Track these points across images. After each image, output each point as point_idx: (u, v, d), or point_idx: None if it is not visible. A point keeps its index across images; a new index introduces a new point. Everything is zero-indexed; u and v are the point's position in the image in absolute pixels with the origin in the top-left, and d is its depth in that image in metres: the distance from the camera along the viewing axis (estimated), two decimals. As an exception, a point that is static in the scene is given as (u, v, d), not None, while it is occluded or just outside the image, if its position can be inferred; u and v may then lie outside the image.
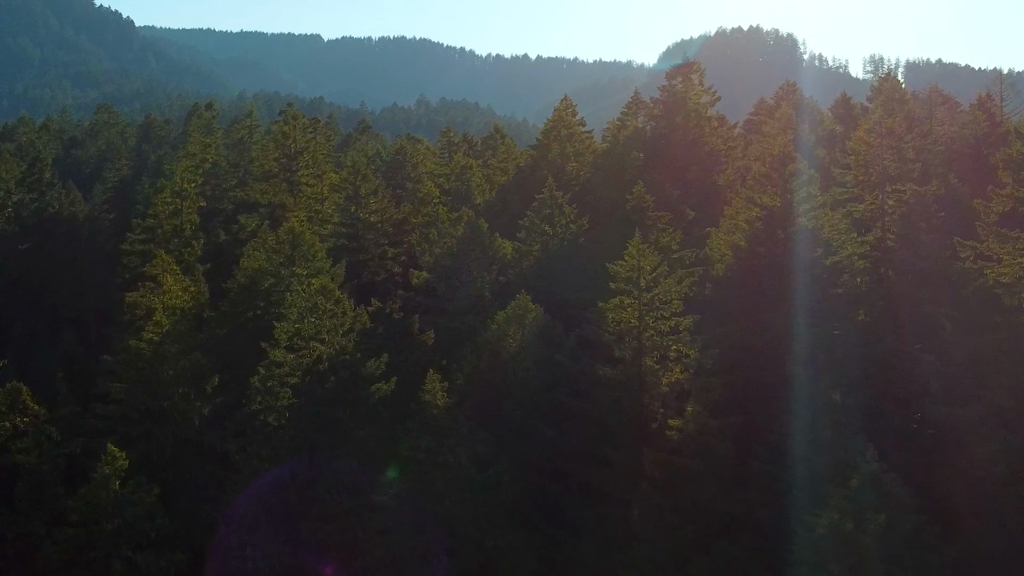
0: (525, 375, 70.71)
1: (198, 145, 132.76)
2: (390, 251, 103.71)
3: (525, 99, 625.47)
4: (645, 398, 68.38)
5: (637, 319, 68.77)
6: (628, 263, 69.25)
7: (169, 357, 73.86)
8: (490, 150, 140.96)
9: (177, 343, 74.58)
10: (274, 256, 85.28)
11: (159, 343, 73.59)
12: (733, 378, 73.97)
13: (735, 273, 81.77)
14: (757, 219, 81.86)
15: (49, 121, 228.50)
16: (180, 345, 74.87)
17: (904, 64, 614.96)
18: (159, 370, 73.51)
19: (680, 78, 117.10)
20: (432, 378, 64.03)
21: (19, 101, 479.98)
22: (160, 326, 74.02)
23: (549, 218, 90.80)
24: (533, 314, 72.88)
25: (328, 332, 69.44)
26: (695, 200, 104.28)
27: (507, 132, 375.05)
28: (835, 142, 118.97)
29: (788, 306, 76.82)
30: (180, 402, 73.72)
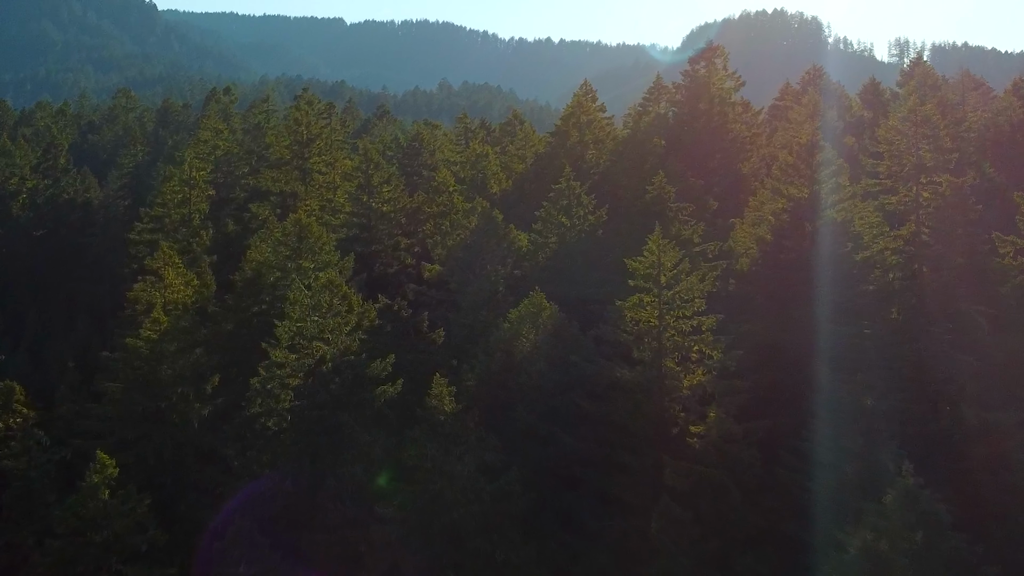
0: (539, 377, 66.83)
1: (210, 131, 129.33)
2: (403, 242, 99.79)
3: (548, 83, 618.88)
4: (665, 401, 64.52)
5: (657, 318, 64.86)
6: (648, 259, 65.29)
7: (167, 356, 70.26)
8: (508, 136, 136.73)
9: (176, 341, 70.98)
10: (280, 249, 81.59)
11: (157, 341, 69.94)
12: (758, 378, 70.18)
13: (760, 268, 77.98)
14: (783, 211, 77.99)
15: (66, 106, 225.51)
16: (179, 343, 71.27)
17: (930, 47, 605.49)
18: (157, 369, 69.94)
19: (703, 63, 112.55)
20: (439, 383, 60.29)
21: (42, 85, 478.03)
22: (158, 323, 70.43)
23: (566, 209, 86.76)
24: (547, 312, 68.93)
25: (332, 331, 65.77)
26: (718, 189, 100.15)
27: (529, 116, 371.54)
28: (863, 129, 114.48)
29: (816, 303, 73.01)
30: (179, 403, 70.20)
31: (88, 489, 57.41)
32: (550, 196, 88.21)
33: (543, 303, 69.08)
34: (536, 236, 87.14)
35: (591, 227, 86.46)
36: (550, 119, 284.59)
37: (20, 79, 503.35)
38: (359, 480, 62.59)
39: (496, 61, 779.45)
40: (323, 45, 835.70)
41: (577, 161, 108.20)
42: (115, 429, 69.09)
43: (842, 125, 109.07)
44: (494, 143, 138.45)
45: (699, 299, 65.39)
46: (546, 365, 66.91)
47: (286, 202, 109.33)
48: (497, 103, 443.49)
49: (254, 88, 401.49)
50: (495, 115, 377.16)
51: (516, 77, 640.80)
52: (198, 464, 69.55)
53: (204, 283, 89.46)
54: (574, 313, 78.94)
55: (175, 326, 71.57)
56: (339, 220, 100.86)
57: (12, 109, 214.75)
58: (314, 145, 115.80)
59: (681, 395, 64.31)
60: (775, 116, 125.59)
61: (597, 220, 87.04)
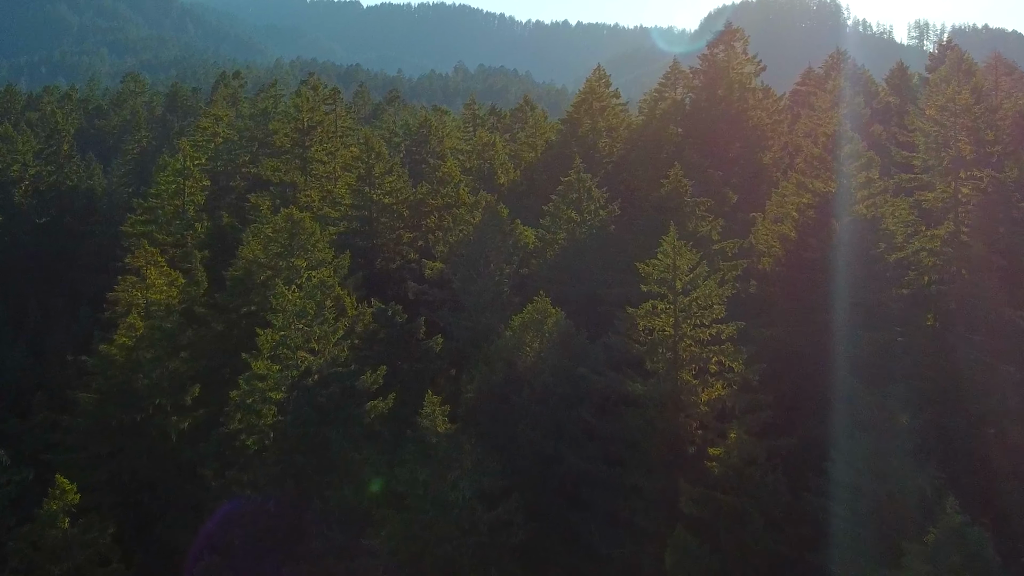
0: (543, 390, 60.85)
1: (210, 118, 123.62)
2: (405, 236, 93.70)
3: (564, 66, 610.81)
4: (681, 418, 58.63)
5: (672, 327, 58.99)
6: (662, 262, 59.37)
7: (144, 364, 64.71)
8: (519, 123, 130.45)
9: (153, 348, 65.38)
10: (271, 246, 75.81)
11: (132, 348, 64.37)
12: (781, 389, 64.48)
13: (784, 268, 72.06)
14: (809, 207, 72.05)
15: (72, 90, 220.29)
16: (157, 351, 65.70)
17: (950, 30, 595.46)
18: (132, 379, 64.44)
19: (722, 46, 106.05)
20: (431, 401, 54.48)
21: (57, 68, 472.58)
22: (134, 329, 64.90)
23: (576, 203, 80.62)
24: (553, 319, 62.92)
25: (318, 340, 60.00)
26: (737, 180, 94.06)
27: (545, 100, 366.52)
28: (890, 116, 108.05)
29: (844, 307, 67.12)
30: (155, 415, 64.60)
31: (46, 517, 51.90)
32: (559, 189, 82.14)
33: (548, 309, 63.07)
34: (544, 232, 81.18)
35: (602, 222, 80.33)
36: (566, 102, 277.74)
37: (35, 62, 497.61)
38: (347, 503, 56.91)
39: (513, 44, 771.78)
40: (339, 28, 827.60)
41: (589, 150, 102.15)
42: (87, 443, 63.60)
43: (868, 112, 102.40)
44: (504, 130, 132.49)
45: (718, 305, 59.54)
46: (551, 377, 60.96)
47: (285, 193, 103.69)
48: (513, 87, 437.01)
49: (268, 72, 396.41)
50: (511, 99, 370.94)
51: (533, 60, 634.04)
52: (177, 481, 64.04)
53: (194, 281, 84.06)
54: (584, 315, 73.36)
55: (152, 332, 65.92)
56: (339, 213, 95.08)
57: (20, 93, 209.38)
58: (315, 133, 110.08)
59: (698, 411, 58.44)
60: (796, 102, 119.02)
61: (609, 215, 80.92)
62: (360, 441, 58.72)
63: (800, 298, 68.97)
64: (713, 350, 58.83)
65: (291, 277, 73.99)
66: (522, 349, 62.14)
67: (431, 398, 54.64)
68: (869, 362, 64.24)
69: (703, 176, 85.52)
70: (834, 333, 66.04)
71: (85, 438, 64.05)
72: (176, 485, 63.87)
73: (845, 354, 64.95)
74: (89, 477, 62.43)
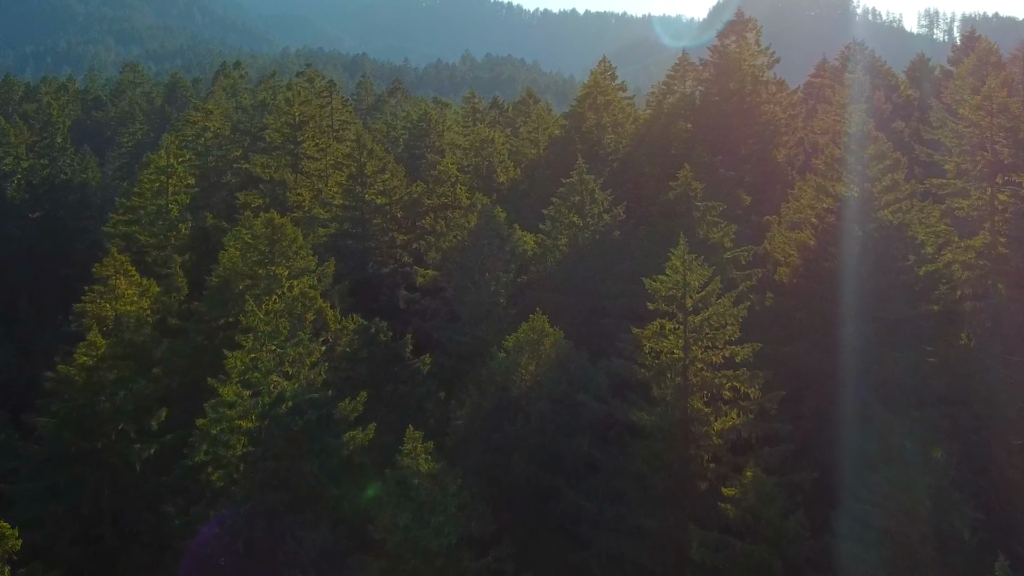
0: (540, 419, 54.74)
1: (200, 111, 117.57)
2: (399, 238, 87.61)
3: (572, 55, 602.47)
4: (691, 450, 52.65)
5: (682, 349, 52.96)
6: (671, 278, 53.33)
7: (106, 386, 58.67)
8: (522, 116, 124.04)
9: (116, 369, 59.32)
10: (249, 253, 69.82)
11: (93, 368, 58.39)
12: (800, 409, 58.68)
13: (802, 278, 65.97)
14: (829, 212, 65.88)
15: (70, 81, 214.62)
16: (120, 371, 59.60)
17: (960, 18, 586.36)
18: (93, 402, 58.41)
19: (733, 37, 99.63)
20: (413, 437, 48.36)
21: (62, 58, 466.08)
22: (95, 347, 58.86)
23: (578, 206, 74.41)
24: (551, 339, 56.75)
25: (292, 363, 53.92)
26: (750, 179, 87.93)
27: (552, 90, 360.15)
28: (910, 111, 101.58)
29: (868, 323, 61.21)
30: (118, 442, 58.61)
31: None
32: (560, 191, 75.84)
33: (546, 328, 56.88)
34: (543, 237, 75.06)
35: (606, 227, 74.16)
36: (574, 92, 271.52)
37: (41, 51, 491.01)
38: (324, 544, 50.94)
39: (520, 33, 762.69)
40: (347, 16, 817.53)
41: (594, 147, 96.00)
42: (43, 472, 57.71)
43: (890, 107, 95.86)
44: (506, 124, 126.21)
45: (732, 326, 53.46)
46: (548, 404, 54.84)
47: (276, 191, 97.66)
48: (520, 76, 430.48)
49: (274, 61, 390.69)
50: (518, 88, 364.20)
51: (540, 49, 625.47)
52: (142, 514, 58.07)
53: (173, 288, 78.33)
54: (586, 327, 67.56)
55: (115, 350, 59.93)
56: (329, 213, 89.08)
57: (18, 84, 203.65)
58: (307, 128, 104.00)
59: (710, 442, 52.48)
60: (810, 95, 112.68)
61: (614, 219, 74.75)
62: (338, 474, 52.75)
63: (820, 312, 63.18)
64: (727, 375, 52.88)
65: (271, 287, 68.15)
66: (517, 372, 56.01)
67: (412, 434, 48.54)
68: (896, 384, 58.41)
69: (714, 176, 79.37)
70: (857, 351, 60.25)
71: (41, 467, 58.11)
72: (141, 518, 57.94)
73: (870, 375, 59.17)
74: (45, 510, 56.66)
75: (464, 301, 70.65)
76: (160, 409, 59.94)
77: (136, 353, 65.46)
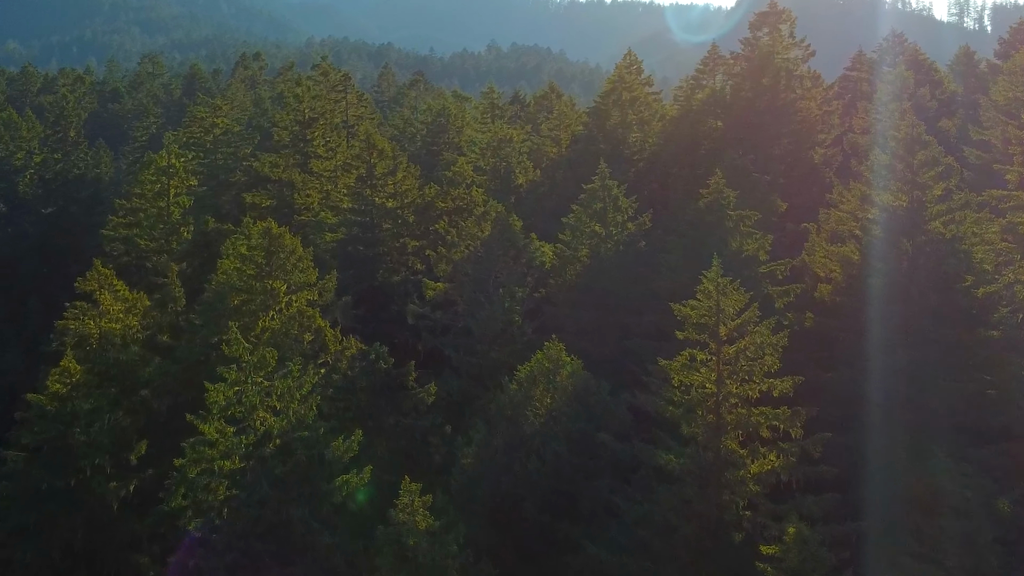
0: (555, 460, 48.69)
1: (208, 106, 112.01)
2: (411, 243, 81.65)
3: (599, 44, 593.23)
4: (725, 497, 46.51)
5: (715, 383, 46.80)
6: (703, 304, 47.17)
7: (81, 416, 53.03)
8: (544, 112, 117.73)
9: (92, 397, 53.67)
10: (245, 266, 64.07)
11: (67, 398, 52.77)
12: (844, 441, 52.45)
13: (845, 297, 59.72)
14: (875, 224, 59.63)
15: (88, 72, 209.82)
16: (97, 399, 53.95)
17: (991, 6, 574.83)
18: (66, 434, 52.80)
19: (766, 28, 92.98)
20: (409, 489, 42.37)
21: (88, 48, 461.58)
22: (69, 374, 53.20)
23: (600, 214, 68.12)
24: (568, 369, 50.64)
25: (281, 397, 48.03)
26: (785, 183, 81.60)
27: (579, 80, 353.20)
28: (955, 108, 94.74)
29: (920, 347, 55.12)
30: (93, 479, 52.96)
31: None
32: (581, 198, 69.56)
33: (562, 357, 50.74)
34: (563, 248, 68.93)
35: (631, 237, 67.87)
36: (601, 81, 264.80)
37: (66, 41, 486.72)
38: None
39: (547, 22, 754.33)
40: (373, 5, 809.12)
41: (618, 146, 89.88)
42: (12, 512, 52.15)
43: (935, 105, 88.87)
44: (527, 120, 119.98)
45: (772, 356, 47.25)
46: (565, 444, 48.76)
47: (283, 192, 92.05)
48: (547, 66, 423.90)
49: (298, 51, 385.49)
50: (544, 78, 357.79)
51: (567, 38, 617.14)
52: (120, 555, 52.48)
53: (170, 298, 72.79)
54: (608, 347, 61.63)
55: (92, 376, 54.29)
56: (337, 218, 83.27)
57: (36, 75, 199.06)
58: (317, 125, 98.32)
59: (746, 488, 46.30)
60: (845, 89, 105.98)
61: (639, 228, 68.40)
62: (330, 522, 46.94)
63: (865, 334, 57.00)
64: (764, 412, 46.72)
65: (267, 303, 62.57)
66: (530, 406, 49.96)
67: (409, 486, 42.56)
68: (952, 418, 52.22)
69: (747, 180, 73.03)
70: (907, 379, 54.19)
71: (9, 506, 52.49)
72: (119, 560, 52.33)
73: (922, 407, 53.00)
74: (13, 554, 51.19)
75: (477, 317, 64.76)
76: (139, 442, 54.13)
77: (122, 374, 60.15)
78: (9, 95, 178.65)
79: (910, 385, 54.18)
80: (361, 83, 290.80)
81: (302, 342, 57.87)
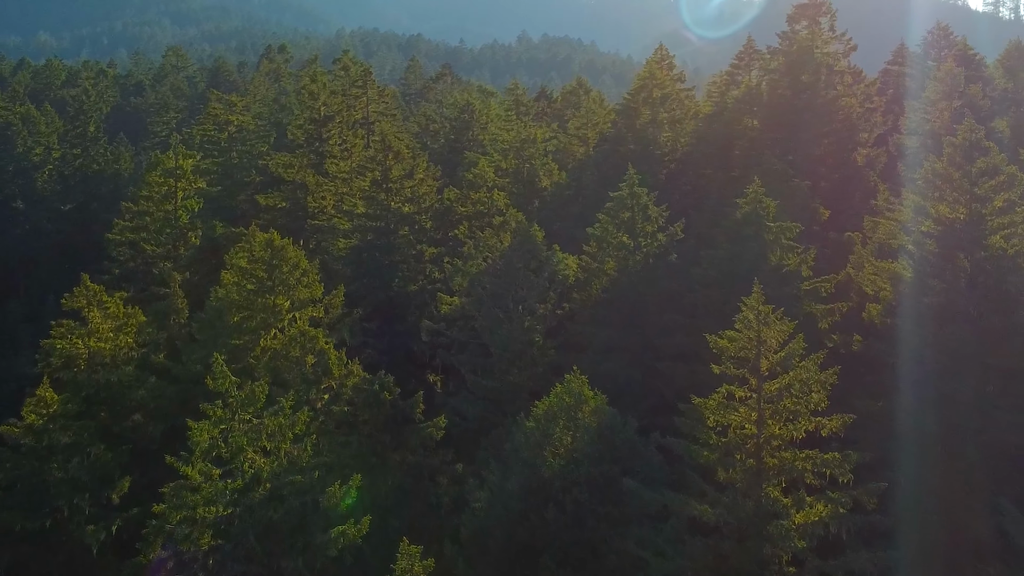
0: (576, 507, 43.36)
1: (222, 103, 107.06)
2: (428, 251, 76.35)
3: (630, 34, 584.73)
4: (766, 551, 40.99)
5: (755, 424, 41.34)
6: (742, 334, 41.68)
7: (58, 450, 48.12)
8: (571, 108, 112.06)
9: (70, 430, 48.72)
10: (245, 280, 58.97)
11: (42, 431, 47.85)
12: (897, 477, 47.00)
13: (897, 318, 54.15)
14: (929, 238, 53.96)
15: (110, 66, 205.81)
16: (76, 432, 49.00)
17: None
18: (41, 470, 47.90)
19: (805, 21, 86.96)
20: (408, 553, 37.10)
21: (118, 39, 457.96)
22: (46, 404, 48.29)
23: (628, 224, 62.52)
24: (591, 405, 45.18)
25: (271, 436, 42.89)
26: (827, 186, 75.98)
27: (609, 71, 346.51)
28: (1007, 106, 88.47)
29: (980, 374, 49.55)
30: (71, 520, 48.05)
31: None
32: (607, 206, 63.88)
33: (585, 392, 45.21)
34: (588, 260, 63.48)
35: (662, 249, 62.26)
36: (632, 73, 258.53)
37: (97, 33, 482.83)
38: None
39: (577, 12, 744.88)
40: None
41: (648, 146, 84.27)
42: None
43: (988, 104, 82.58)
44: (554, 116, 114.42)
45: (819, 394, 41.69)
46: (588, 490, 43.36)
47: (296, 195, 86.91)
48: (577, 57, 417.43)
49: (328, 42, 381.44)
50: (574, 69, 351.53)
51: (598, 28, 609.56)
52: (101, 604, 47.67)
53: (171, 311, 67.97)
54: (636, 367, 56.35)
55: (71, 406, 49.35)
56: (350, 223, 78.11)
57: (61, 67, 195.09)
58: (333, 124, 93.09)
59: (790, 542, 40.74)
60: (887, 84, 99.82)
61: (670, 239, 62.76)
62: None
63: (919, 359, 51.52)
64: (810, 457, 41.19)
65: (268, 321, 57.56)
66: (548, 447, 44.56)
67: (408, 549, 37.29)
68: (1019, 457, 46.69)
69: (786, 185, 67.48)
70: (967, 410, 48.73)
71: (-20, 548, 47.85)
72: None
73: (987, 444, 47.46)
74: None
75: (495, 335, 59.48)
76: (123, 478, 49.15)
77: (112, 397, 55.34)
78: (33, 89, 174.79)
79: (968, 417, 48.75)
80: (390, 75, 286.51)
81: (303, 365, 52.77)
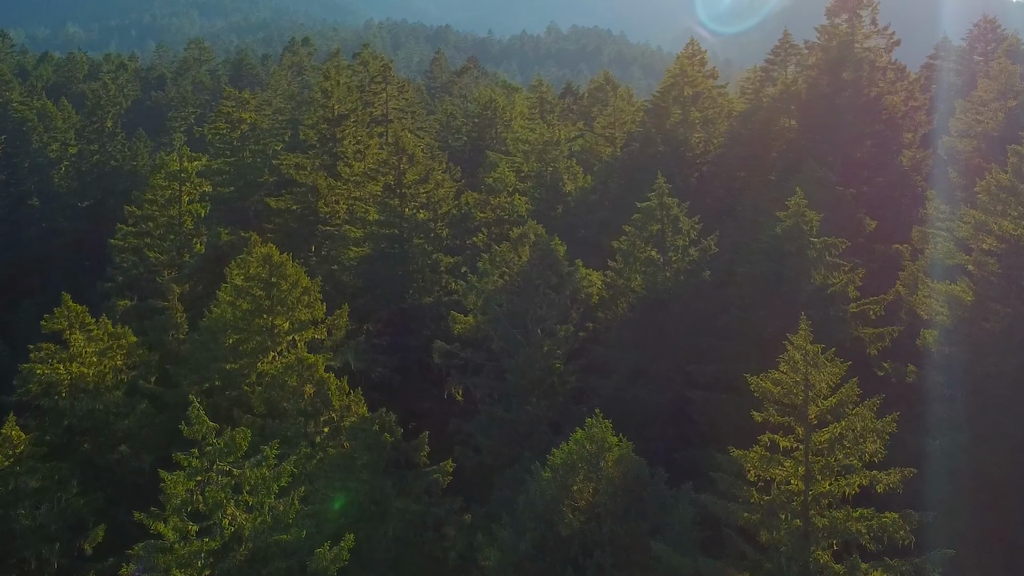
0: (598, 574, 37.92)
1: (233, 101, 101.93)
2: (444, 260, 71.10)
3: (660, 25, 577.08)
4: (815, 627, 35.58)
5: (802, 479, 35.87)
6: (787, 378, 36.16)
7: (25, 496, 43.17)
8: (598, 105, 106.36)
9: (38, 472, 43.77)
10: (240, 299, 53.88)
11: (8, 473, 42.91)
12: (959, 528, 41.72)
13: (956, 347, 48.42)
14: (991, 256, 48.26)
15: (131, 59, 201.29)
16: (45, 475, 44.05)
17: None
18: (6, 518, 42.97)
19: (845, 14, 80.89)
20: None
21: (147, 31, 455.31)
22: (12, 444, 43.34)
23: (657, 238, 56.90)
24: (617, 453, 39.64)
25: (254, 488, 37.74)
26: (870, 193, 70.01)
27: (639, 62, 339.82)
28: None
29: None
30: (40, 571, 43.14)
31: None
32: (634, 218, 58.11)
33: (608, 436, 39.70)
34: (613, 276, 57.99)
35: (694, 265, 56.64)
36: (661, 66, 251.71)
37: (125, 25, 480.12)
38: None
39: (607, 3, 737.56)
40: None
41: (679, 147, 78.71)
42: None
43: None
44: (580, 114, 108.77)
45: (875, 444, 36.17)
46: (611, 552, 37.90)
47: (308, 198, 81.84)
48: (607, 48, 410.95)
49: (356, 34, 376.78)
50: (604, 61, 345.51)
51: (628, 19, 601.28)
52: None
53: (169, 326, 63.14)
54: (666, 397, 50.87)
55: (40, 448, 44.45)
56: (361, 232, 72.96)
57: (83, 60, 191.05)
58: (347, 123, 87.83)
59: (843, 618, 35.39)
60: (929, 80, 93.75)
61: (703, 254, 57.13)
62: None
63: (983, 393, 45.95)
64: (865, 516, 35.69)
65: (265, 344, 52.50)
66: (567, 500, 39.15)
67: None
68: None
69: (829, 193, 61.69)
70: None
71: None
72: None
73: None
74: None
75: (512, 360, 54.14)
76: (96, 527, 44.15)
77: (96, 427, 50.47)
78: (55, 82, 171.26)
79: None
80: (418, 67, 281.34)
81: (302, 395, 47.65)
